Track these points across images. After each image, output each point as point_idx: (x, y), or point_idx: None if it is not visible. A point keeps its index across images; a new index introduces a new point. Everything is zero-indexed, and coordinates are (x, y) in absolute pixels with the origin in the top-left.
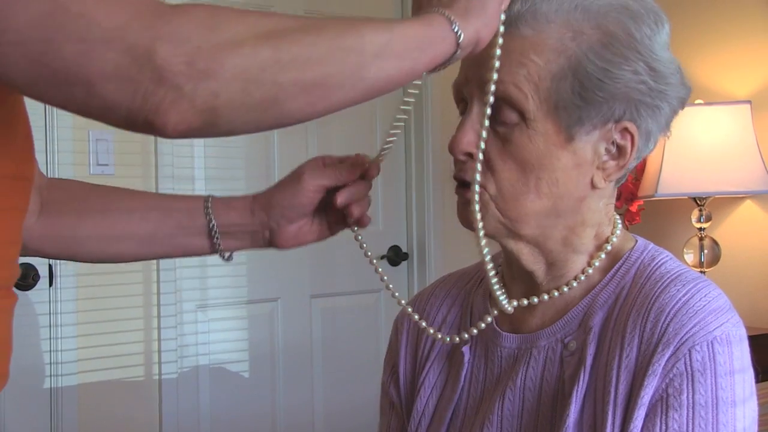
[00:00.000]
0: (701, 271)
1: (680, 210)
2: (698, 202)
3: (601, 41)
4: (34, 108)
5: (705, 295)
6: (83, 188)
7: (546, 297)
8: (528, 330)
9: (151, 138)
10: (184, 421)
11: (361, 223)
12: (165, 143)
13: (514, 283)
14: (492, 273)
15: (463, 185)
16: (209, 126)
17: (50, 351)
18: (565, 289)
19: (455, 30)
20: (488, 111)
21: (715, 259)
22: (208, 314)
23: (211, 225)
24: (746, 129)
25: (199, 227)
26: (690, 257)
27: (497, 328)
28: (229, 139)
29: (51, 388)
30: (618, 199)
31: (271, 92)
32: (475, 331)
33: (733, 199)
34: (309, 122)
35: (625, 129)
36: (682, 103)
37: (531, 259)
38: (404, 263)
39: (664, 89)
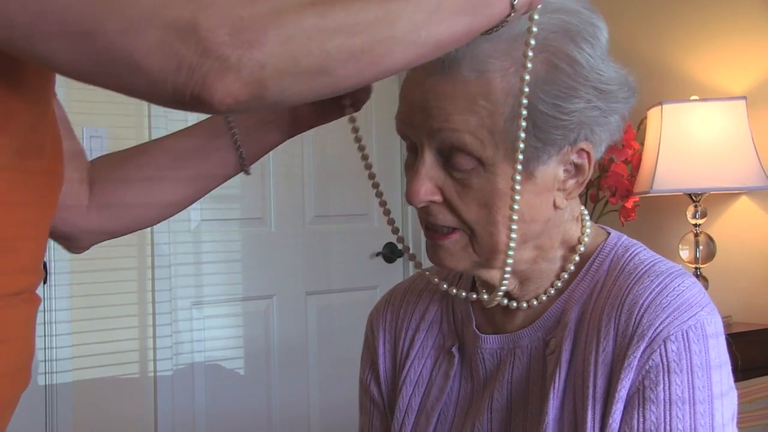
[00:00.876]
0: (696, 267)
1: (676, 206)
2: (693, 198)
3: (546, 74)
4: None
5: (678, 285)
6: (119, 157)
7: (525, 305)
8: (511, 331)
9: (145, 132)
10: (179, 418)
11: (356, 106)
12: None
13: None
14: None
15: (436, 235)
16: (257, 98)
17: (45, 348)
18: (544, 297)
19: None
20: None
21: (710, 255)
22: (203, 311)
23: (232, 129)
24: (741, 125)
25: (222, 139)
26: (685, 253)
27: (477, 332)
28: None
29: (46, 385)
30: (613, 195)
31: (318, 60)
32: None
33: (728, 195)
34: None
35: (581, 150)
36: (631, 109)
37: (498, 279)
38: (399, 260)
39: (615, 106)
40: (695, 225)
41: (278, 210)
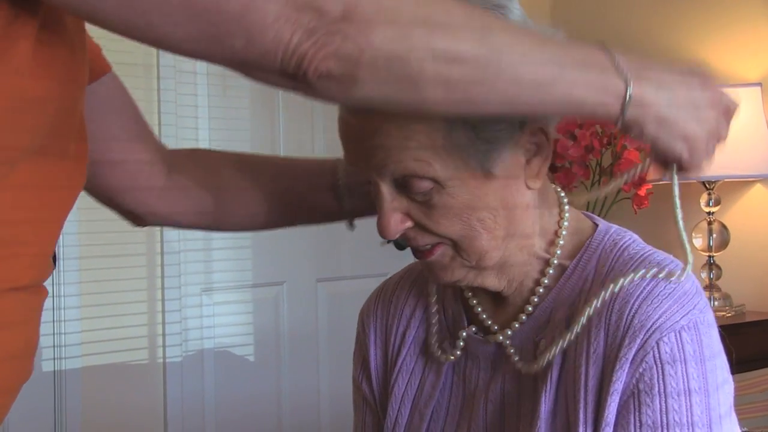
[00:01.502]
0: (709, 256)
1: (689, 194)
2: (707, 186)
3: None
4: None
5: (669, 282)
6: (216, 158)
7: (520, 322)
8: (501, 328)
9: (155, 116)
10: (188, 404)
11: None
12: (170, 125)
13: (481, 290)
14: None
15: (421, 254)
16: (347, 79)
17: (53, 334)
18: (536, 299)
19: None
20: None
21: (723, 243)
22: (213, 297)
23: (338, 182)
24: (756, 112)
25: (326, 184)
26: (699, 241)
27: (470, 330)
28: (233, 117)
29: (54, 371)
30: (626, 183)
31: (413, 75)
32: (461, 343)
33: (742, 183)
34: (312, 102)
35: (538, 130)
36: None
37: (495, 282)
38: (410, 248)
39: None
40: (709, 213)
41: None
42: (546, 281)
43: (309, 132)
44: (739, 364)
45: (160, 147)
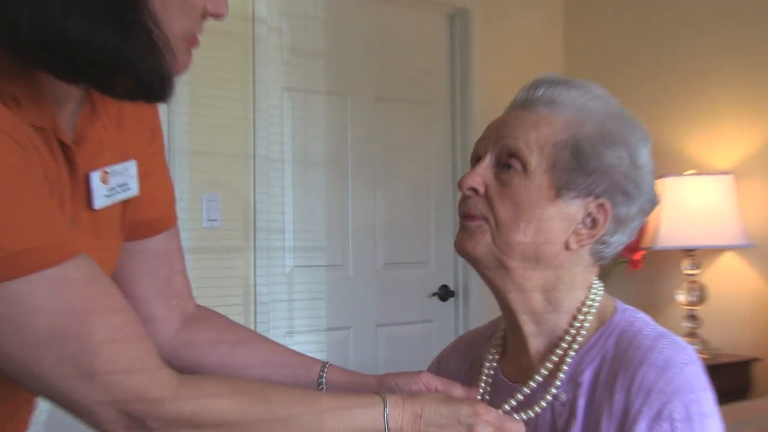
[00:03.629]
0: (690, 309)
1: (675, 259)
2: (689, 252)
3: (599, 133)
4: None
5: (679, 362)
6: (221, 325)
7: (542, 376)
8: (525, 378)
9: (251, 197)
10: None
11: None
12: (262, 203)
13: (511, 335)
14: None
15: (466, 217)
16: None
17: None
18: (560, 351)
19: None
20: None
21: (703, 299)
22: (295, 339)
23: (320, 381)
24: (729, 195)
25: (310, 382)
26: (682, 297)
27: (501, 375)
28: (311, 197)
29: None
30: (624, 250)
31: None
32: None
33: (717, 251)
34: (376, 182)
35: (601, 205)
36: (651, 207)
37: (518, 303)
38: (451, 299)
39: (639, 181)
40: (690, 275)
41: (355, 258)
42: (576, 346)
43: (372, 203)
44: (716, 397)
45: (184, 299)
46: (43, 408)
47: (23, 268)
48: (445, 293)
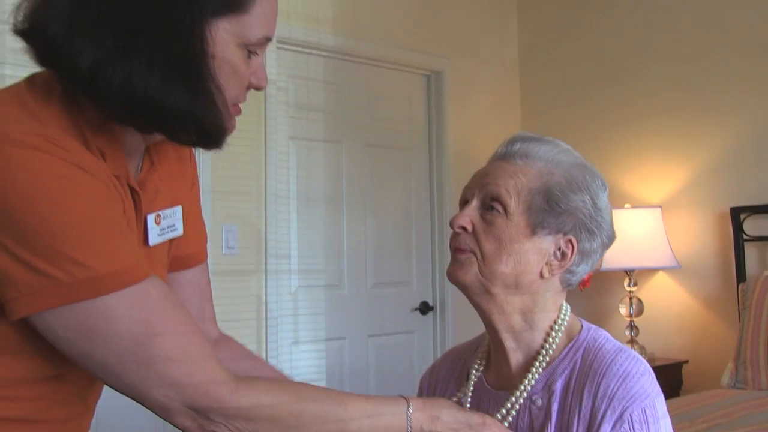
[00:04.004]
0: (630, 320)
1: (616, 278)
2: (628, 273)
3: (566, 181)
4: None
5: (635, 373)
6: (238, 350)
7: (527, 384)
8: (506, 386)
9: (262, 228)
10: None
11: None
12: (272, 233)
13: (494, 349)
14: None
15: (457, 251)
16: None
17: None
18: (536, 363)
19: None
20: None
21: (640, 311)
22: (299, 347)
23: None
24: (658, 225)
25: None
26: (623, 310)
27: (485, 383)
28: (313, 227)
29: None
30: None
31: None
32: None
33: (651, 271)
34: (366, 214)
35: (569, 241)
36: (609, 242)
37: (500, 323)
38: (430, 313)
39: (600, 221)
40: (630, 291)
41: (349, 279)
42: (548, 359)
43: (363, 232)
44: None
45: (210, 327)
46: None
47: (112, 286)
48: (425, 308)
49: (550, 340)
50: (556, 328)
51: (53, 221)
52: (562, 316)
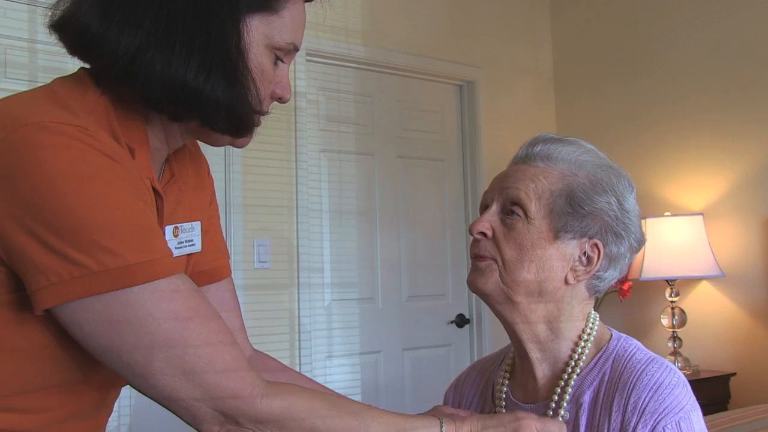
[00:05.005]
0: (673, 331)
1: (657, 288)
2: (669, 283)
3: (590, 182)
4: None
5: (668, 384)
6: (273, 366)
7: (551, 396)
8: (533, 399)
9: (294, 242)
10: None
11: None
12: (304, 246)
13: (520, 361)
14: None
15: (477, 258)
16: None
17: None
18: (566, 375)
19: None
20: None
21: (683, 322)
22: (333, 362)
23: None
24: (700, 233)
25: None
26: (665, 321)
27: (512, 397)
28: (345, 240)
29: None
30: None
31: None
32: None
33: (694, 281)
34: (399, 227)
35: (595, 245)
36: (638, 246)
37: (525, 333)
38: (467, 326)
39: (627, 223)
40: (671, 301)
41: (383, 292)
42: (578, 370)
43: (396, 245)
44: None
45: (242, 340)
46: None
47: (142, 277)
48: (461, 321)
49: (579, 350)
50: (585, 337)
51: (85, 208)
52: (590, 325)
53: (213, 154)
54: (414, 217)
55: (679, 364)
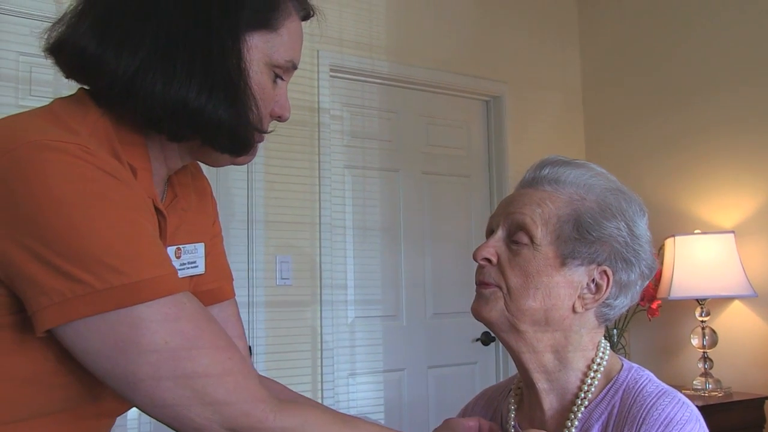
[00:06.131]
0: (703, 352)
1: (687, 307)
2: (700, 302)
3: (599, 207)
4: (238, 239)
5: (680, 420)
6: (280, 391)
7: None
8: None
9: (317, 259)
10: None
11: None
12: (326, 263)
13: (527, 392)
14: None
15: (482, 285)
16: None
17: None
18: (575, 407)
19: None
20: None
21: (714, 343)
22: (356, 380)
23: None
24: (731, 251)
25: None
26: (695, 341)
27: (519, 429)
28: (369, 257)
29: None
30: (642, 299)
31: None
32: None
33: (725, 300)
34: (424, 244)
35: (604, 272)
36: (650, 273)
37: (531, 363)
38: (492, 344)
39: (638, 249)
40: (702, 321)
41: (408, 309)
42: (587, 402)
43: (421, 262)
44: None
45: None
46: None
47: (148, 294)
48: (486, 338)
49: (588, 380)
50: (594, 367)
51: (87, 225)
52: (600, 355)
53: (235, 170)
54: (439, 234)
55: (711, 386)
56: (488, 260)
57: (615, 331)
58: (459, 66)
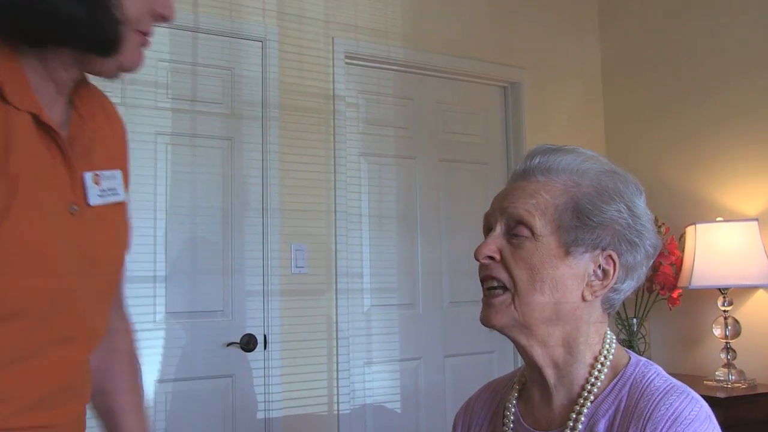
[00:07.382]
0: (726, 342)
1: (709, 297)
2: (722, 291)
3: (596, 191)
4: (253, 227)
5: (689, 414)
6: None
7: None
8: (546, 426)
9: (333, 247)
10: None
11: None
12: (342, 251)
13: (534, 386)
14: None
15: (490, 290)
16: None
17: (264, 393)
18: (581, 400)
19: None
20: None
21: (736, 333)
22: (372, 368)
23: None
24: (755, 239)
25: None
26: (717, 331)
27: (523, 423)
28: (385, 245)
29: (264, 418)
30: (662, 288)
31: None
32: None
33: (748, 289)
34: (441, 232)
35: (609, 256)
36: (654, 252)
37: (543, 359)
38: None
39: (640, 229)
40: (724, 311)
41: (424, 297)
42: (591, 397)
43: (438, 250)
44: (752, 425)
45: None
46: None
47: None
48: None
49: (596, 373)
50: (602, 359)
51: None
52: (606, 347)
53: (250, 159)
54: (456, 222)
55: (733, 378)
56: (491, 258)
57: (635, 320)
58: (476, 51)
